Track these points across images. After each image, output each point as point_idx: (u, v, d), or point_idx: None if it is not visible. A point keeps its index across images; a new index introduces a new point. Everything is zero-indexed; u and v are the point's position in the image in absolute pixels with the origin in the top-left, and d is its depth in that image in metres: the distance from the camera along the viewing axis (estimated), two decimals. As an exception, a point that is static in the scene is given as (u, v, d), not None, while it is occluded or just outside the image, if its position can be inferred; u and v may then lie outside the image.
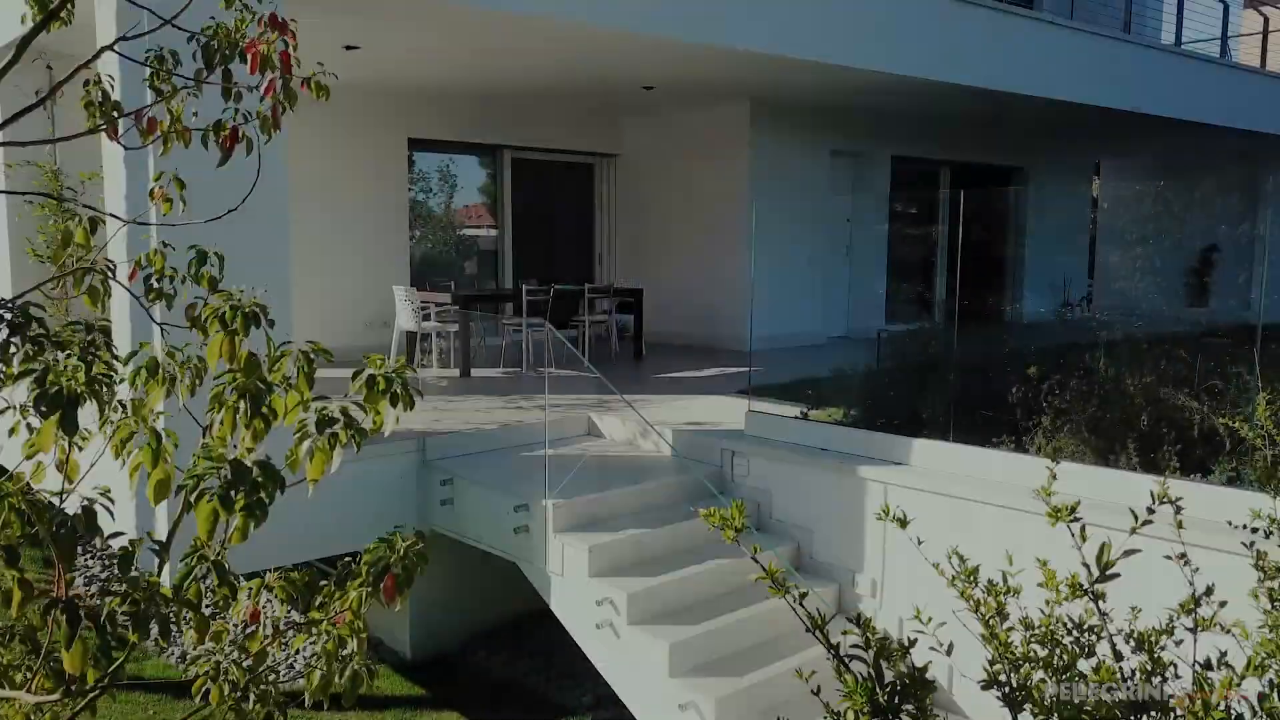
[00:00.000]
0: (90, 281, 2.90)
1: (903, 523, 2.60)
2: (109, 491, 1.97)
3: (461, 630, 7.87)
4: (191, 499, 1.65)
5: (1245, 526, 2.81)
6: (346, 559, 2.64)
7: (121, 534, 1.96)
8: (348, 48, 8.66)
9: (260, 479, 1.72)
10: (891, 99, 11.24)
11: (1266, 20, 14.87)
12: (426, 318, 10.27)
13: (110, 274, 3.61)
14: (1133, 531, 2.37)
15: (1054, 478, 2.68)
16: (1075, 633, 2.42)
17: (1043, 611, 2.49)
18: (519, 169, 12.70)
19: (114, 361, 2.99)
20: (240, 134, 2.89)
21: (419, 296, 10.13)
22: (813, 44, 8.76)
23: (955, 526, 5.67)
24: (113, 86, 3.19)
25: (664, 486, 6.59)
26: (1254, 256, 16.91)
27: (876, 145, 13.40)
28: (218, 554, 1.87)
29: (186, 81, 2.86)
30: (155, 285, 2.90)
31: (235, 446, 1.94)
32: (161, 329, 3.10)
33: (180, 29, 2.57)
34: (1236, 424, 4.33)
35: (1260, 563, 2.53)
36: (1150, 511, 2.43)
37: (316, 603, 2.20)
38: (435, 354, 10.49)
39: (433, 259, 12.38)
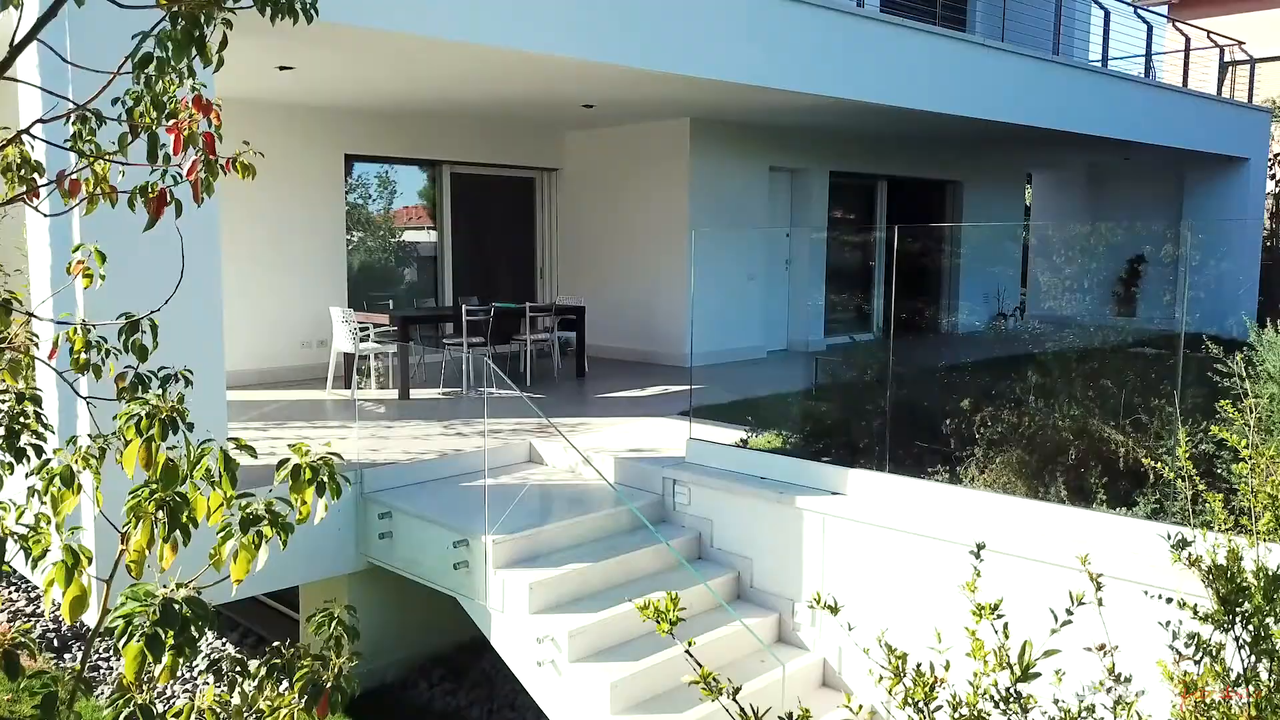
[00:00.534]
0: (9, 357, 2.83)
1: (833, 610, 2.61)
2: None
3: (402, 661, 7.78)
4: (119, 645, 1.61)
5: (1160, 596, 2.89)
6: (275, 645, 2.61)
7: (44, 673, 1.90)
8: (281, 68, 8.51)
9: (190, 615, 1.68)
10: (829, 117, 11.38)
11: (1188, 39, 15.33)
12: (365, 339, 10.15)
13: (34, 344, 3.50)
14: (1053, 633, 2.41)
15: (978, 573, 2.70)
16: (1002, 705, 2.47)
17: (970, 684, 2.53)
18: (459, 184, 12.60)
19: (44, 431, 2.91)
20: (169, 196, 2.83)
21: (357, 317, 10.00)
22: (750, 70, 8.83)
23: (892, 559, 5.77)
24: (32, 148, 3.10)
25: (606, 517, 6.59)
26: (1176, 268, 17.43)
27: (814, 161, 13.55)
28: (145, 696, 1.83)
29: (112, 143, 2.79)
30: (81, 358, 2.84)
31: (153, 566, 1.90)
32: (89, 403, 3.03)
33: (91, 113, 2.50)
34: (1159, 466, 4.47)
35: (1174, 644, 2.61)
36: (1069, 613, 2.46)
37: None
38: (374, 376, 10.36)
39: (371, 268, 12.19)
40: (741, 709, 2.23)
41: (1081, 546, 5.05)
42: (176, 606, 1.68)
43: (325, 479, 2.27)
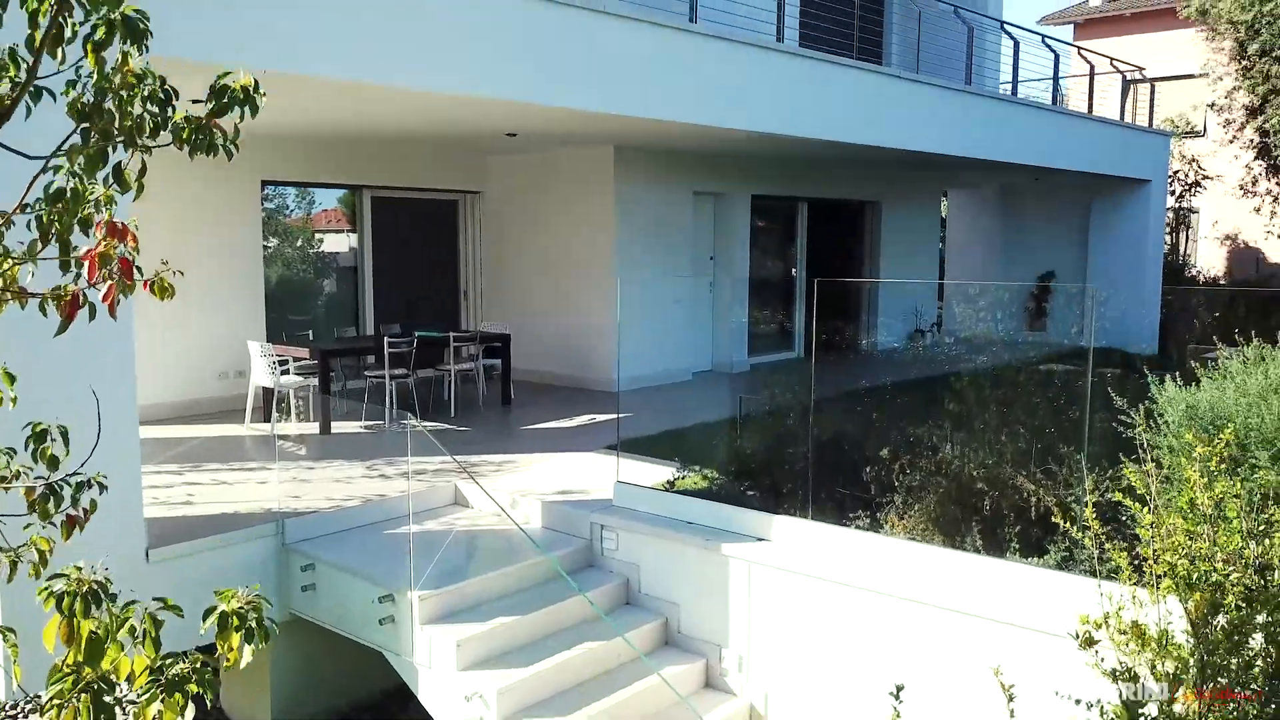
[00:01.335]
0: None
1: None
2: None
3: (327, 708, 7.66)
4: None
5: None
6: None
7: None
8: (195, 101, 8.27)
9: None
10: (752, 144, 11.52)
11: (1092, 66, 15.91)
12: (284, 373, 9.95)
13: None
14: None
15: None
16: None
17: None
18: (380, 207, 12.43)
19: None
20: (82, 299, 2.76)
21: (275, 351, 9.80)
22: (675, 108, 8.89)
23: (816, 606, 5.88)
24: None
25: (534, 566, 6.58)
26: (1085, 281, 18.09)
27: (737, 185, 13.71)
28: None
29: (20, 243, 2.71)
30: (-13, 477, 2.75)
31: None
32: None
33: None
34: (1066, 525, 4.65)
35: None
36: None
37: None
38: (294, 410, 10.16)
39: (289, 283, 11.90)
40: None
41: (995, 598, 5.23)
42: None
43: (254, 624, 2.23)
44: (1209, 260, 24.42)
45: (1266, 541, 4.07)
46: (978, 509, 5.75)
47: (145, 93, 2.38)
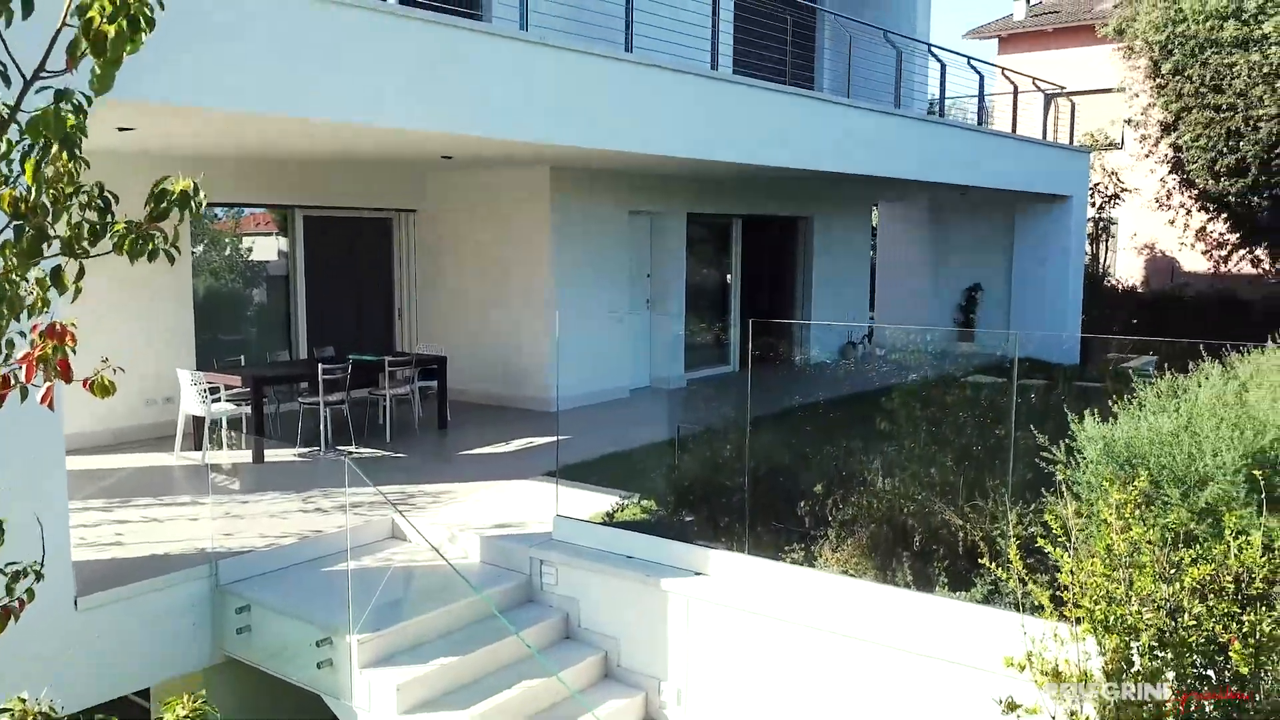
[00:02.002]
0: None
1: None
2: None
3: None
4: None
5: None
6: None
7: None
8: (121, 129, 8.12)
9: None
10: (687, 165, 11.62)
11: (1016, 87, 16.37)
12: (216, 400, 9.79)
13: None
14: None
15: None
16: None
17: None
18: (312, 227, 12.27)
19: None
20: (12, 380, 2.73)
21: (206, 378, 9.63)
22: (611, 137, 8.96)
23: (753, 640, 6.00)
24: None
25: (473, 603, 6.58)
26: (1010, 295, 18.62)
27: (673, 204, 13.82)
28: None
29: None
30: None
31: None
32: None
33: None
34: (991, 566, 4.83)
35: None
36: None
37: None
38: (225, 438, 9.99)
39: (218, 295, 11.64)
40: None
41: (924, 632, 5.40)
42: None
43: (197, 733, 2.24)
44: (1128, 270, 25.26)
45: (1176, 585, 4.28)
46: (908, 543, 5.92)
47: (84, 200, 2.37)
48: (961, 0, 62.38)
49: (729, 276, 15.75)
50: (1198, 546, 4.81)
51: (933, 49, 14.14)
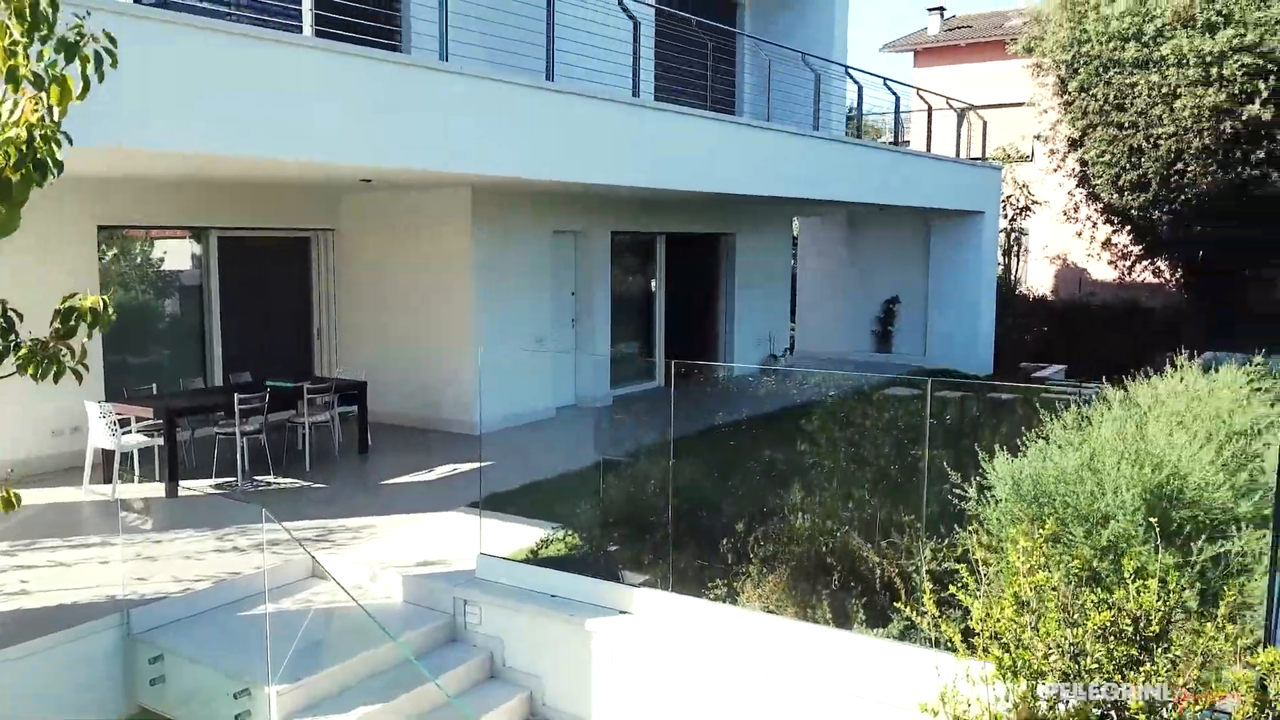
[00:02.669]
0: None
1: None
2: None
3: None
4: None
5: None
6: None
7: None
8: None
9: None
10: (611, 187, 11.66)
11: (930, 107, 16.78)
12: (126, 432, 9.50)
13: None
14: None
15: None
16: None
17: None
18: (227, 248, 11.98)
19: None
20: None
21: (115, 410, 9.35)
22: (532, 165, 8.95)
23: (677, 679, 6.06)
24: None
25: (395, 648, 6.52)
26: (926, 306, 19.07)
27: (597, 223, 13.85)
28: None
29: None
30: None
31: None
32: None
33: None
34: (907, 608, 4.97)
35: None
36: None
37: None
38: (137, 471, 9.70)
39: (129, 310, 11.21)
40: None
41: (842, 670, 5.52)
42: None
43: None
44: (1039, 279, 26.07)
45: (1079, 630, 4.45)
46: (828, 578, 6.04)
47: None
48: (878, 15, 63.72)
49: (654, 293, 15.84)
50: (1100, 589, 5.01)
51: (850, 71, 14.42)
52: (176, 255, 11.93)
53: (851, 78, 14.37)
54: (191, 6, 8.96)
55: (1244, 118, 17.33)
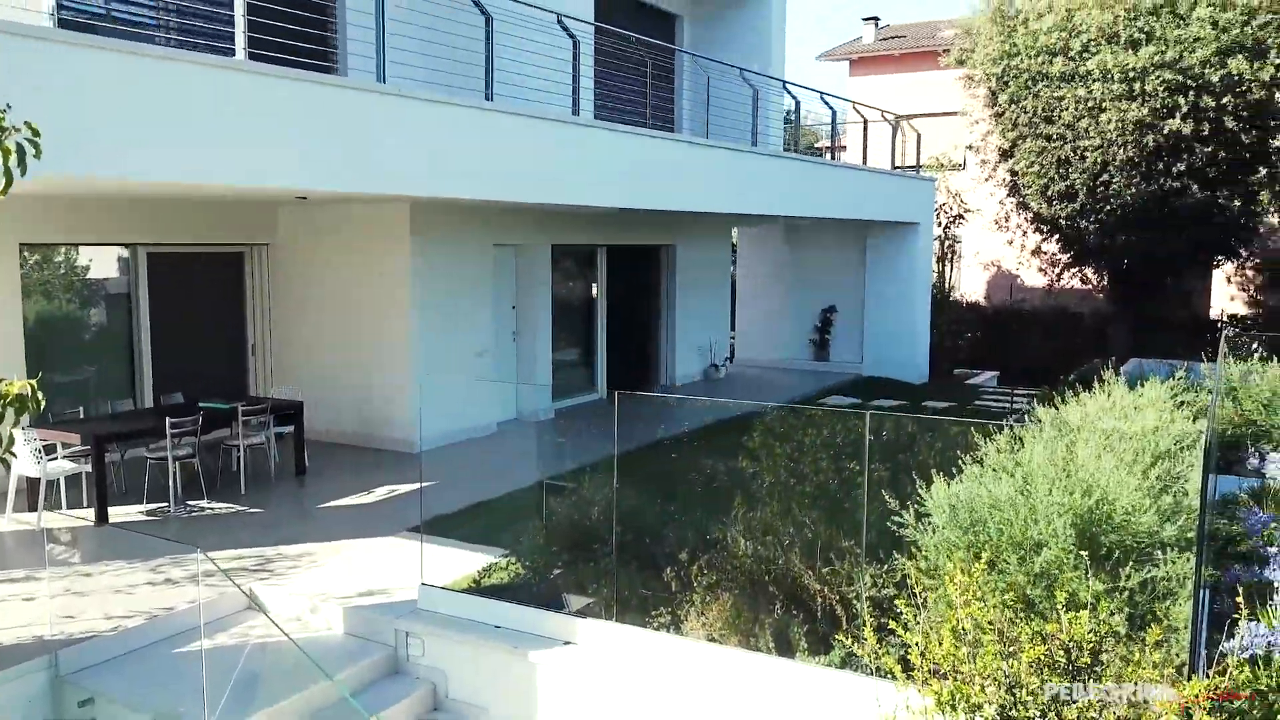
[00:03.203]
0: None
1: None
2: None
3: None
4: None
5: None
6: None
7: None
8: None
9: None
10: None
11: (866, 121, 17.05)
12: (53, 458, 9.22)
13: None
14: None
15: None
16: None
17: None
18: (158, 265, 11.67)
19: None
20: None
21: (40, 435, 9.06)
22: (466, 185, 8.88)
23: (623, 708, 6.07)
24: None
25: (335, 685, 6.43)
26: (863, 314, 19.35)
27: (538, 236, 13.79)
28: None
29: None
30: None
31: None
32: None
33: None
34: (847, 640, 5.05)
35: None
36: None
37: None
38: (64, 497, 9.41)
39: (51, 323, 10.85)
40: None
41: (785, 698, 5.58)
42: None
43: None
44: (972, 285, 26.63)
45: (1013, 661, 4.56)
46: (770, 606, 6.10)
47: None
48: (815, 24, 64.48)
49: (595, 304, 15.83)
50: (1035, 616, 5.15)
51: (788, 85, 14.57)
52: (104, 265, 11.56)
53: (789, 92, 14.52)
54: (119, 31, 8.75)
55: (1165, 132, 17.90)
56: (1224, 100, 17.62)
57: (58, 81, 5.89)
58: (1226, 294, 24.32)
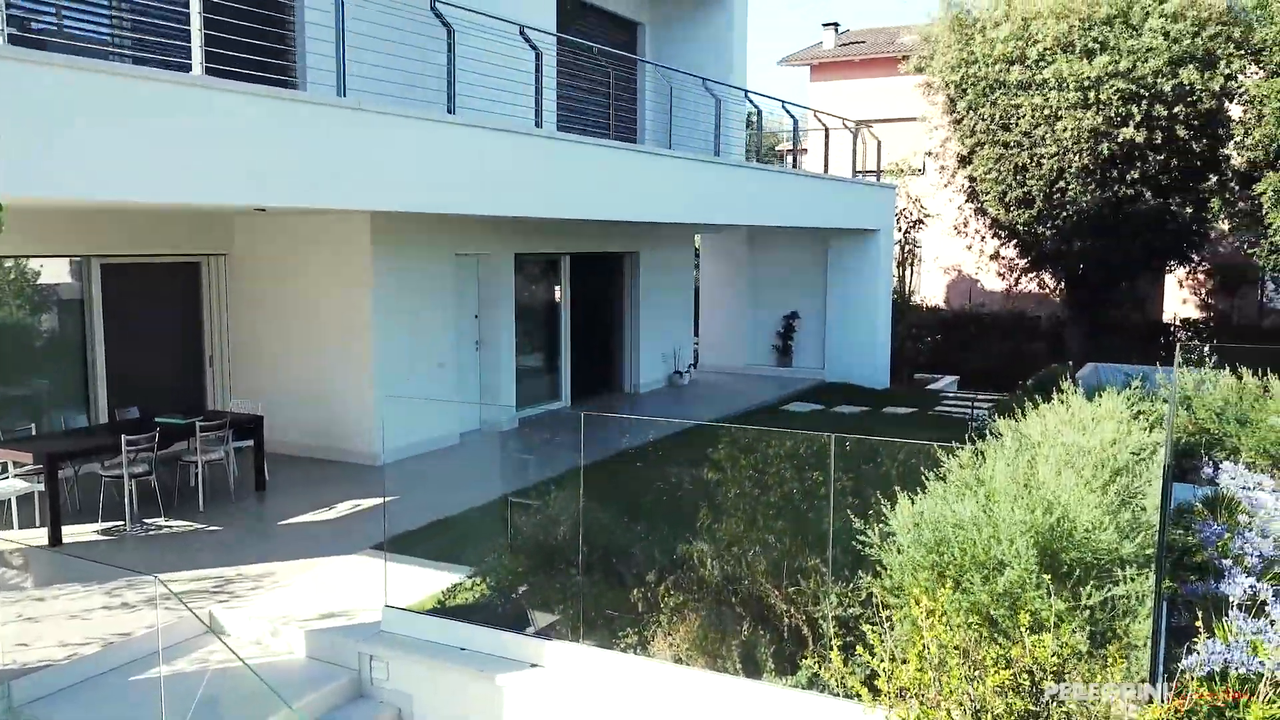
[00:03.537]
0: None
1: None
2: None
3: None
4: None
5: None
6: None
7: None
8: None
9: None
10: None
11: (827, 130, 17.16)
12: (4, 477, 9.00)
13: None
14: None
15: None
16: None
17: None
18: (112, 276, 11.44)
19: None
20: None
21: (-9, 455, 8.86)
22: (430, 198, 8.81)
23: (589, 733, 6.05)
24: None
25: (305, 706, 6.34)
26: (825, 320, 19.47)
27: (500, 245, 13.72)
28: None
29: None
30: None
31: None
32: None
33: None
34: (813, 662, 5.07)
35: None
36: None
37: None
38: (15, 518, 9.20)
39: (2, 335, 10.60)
40: None
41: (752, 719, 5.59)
42: None
43: None
44: (932, 289, 26.92)
45: (979, 684, 4.60)
46: (737, 626, 6.11)
47: None
48: (777, 28, 64.83)
49: (559, 312, 15.78)
50: (1000, 636, 5.20)
51: (749, 95, 14.61)
52: (56, 275, 11.29)
53: (751, 102, 14.57)
54: (70, 47, 8.57)
55: (1119, 140, 18.21)
56: (1175, 109, 17.96)
57: None
58: (1179, 298, 24.81)
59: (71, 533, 9.18)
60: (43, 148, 5.99)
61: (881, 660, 4.79)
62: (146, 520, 9.59)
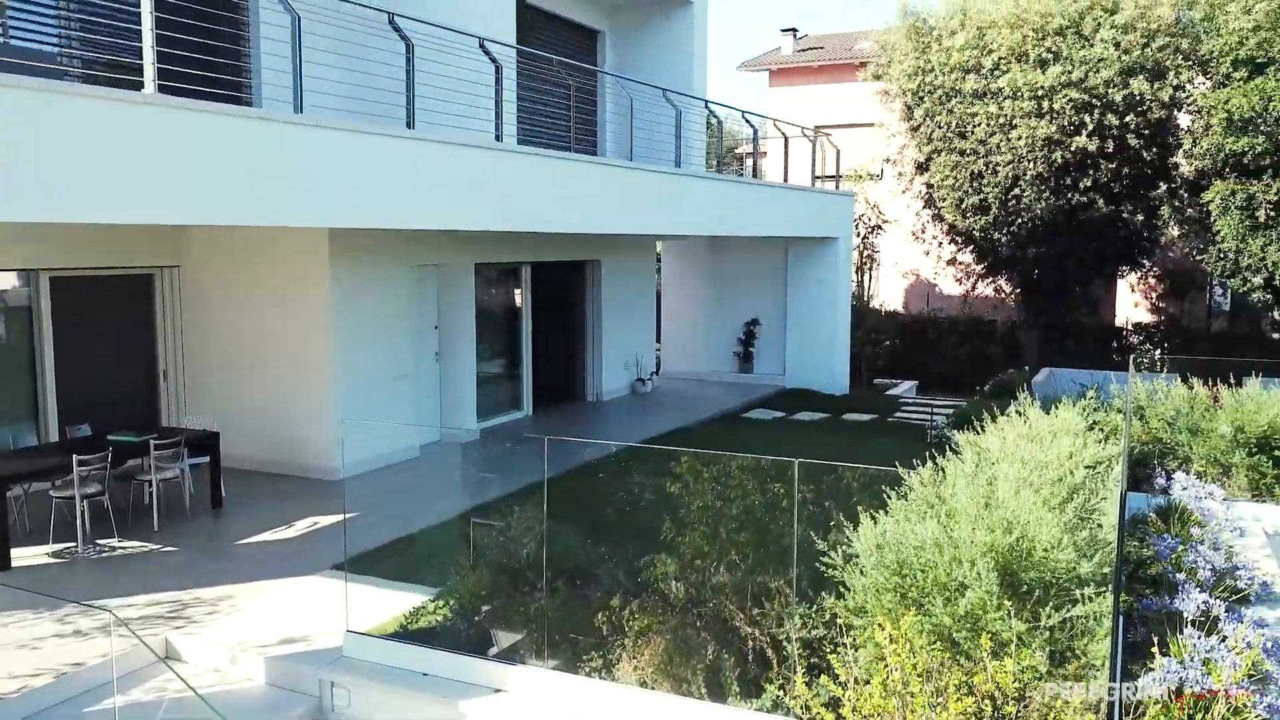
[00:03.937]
0: None
1: None
2: None
3: None
4: None
5: None
6: None
7: None
8: None
9: None
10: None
11: (786, 139, 17.24)
12: (-52, 501, 8.76)
13: None
14: None
15: None
16: None
17: None
18: (61, 290, 11.19)
19: None
20: None
21: (-64, 477, 8.61)
22: (389, 214, 8.72)
23: (554, 760, 6.01)
24: None
25: (259, 739, 6.25)
26: (785, 327, 19.57)
27: (460, 255, 13.63)
28: None
29: None
30: None
31: None
32: None
33: None
34: (776, 689, 5.09)
35: None
36: None
37: None
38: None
39: None
40: None
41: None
42: None
43: None
44: (891, 293, 27.17)
45: (942, 712, 4.65)
46: (701, 649, 6.11)
47: None
48: (736, 33, 65.08)
49: (520, 321, 15.71)
50: (962, 658, 5.25)
51: (710, 105, 14.64)
52: (2, 287, 10.99)
53: (712, 113, 14.60)
54: (15, 64, 8.37)
55: (1073, 148, 18.51)
56: (1127, 119, 18.29)
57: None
58: (1131, 302, 25.27)
59: (21, 555, 8.97)
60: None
61: (845, 688, 4.82)
62: (99, 541, 9.39)
